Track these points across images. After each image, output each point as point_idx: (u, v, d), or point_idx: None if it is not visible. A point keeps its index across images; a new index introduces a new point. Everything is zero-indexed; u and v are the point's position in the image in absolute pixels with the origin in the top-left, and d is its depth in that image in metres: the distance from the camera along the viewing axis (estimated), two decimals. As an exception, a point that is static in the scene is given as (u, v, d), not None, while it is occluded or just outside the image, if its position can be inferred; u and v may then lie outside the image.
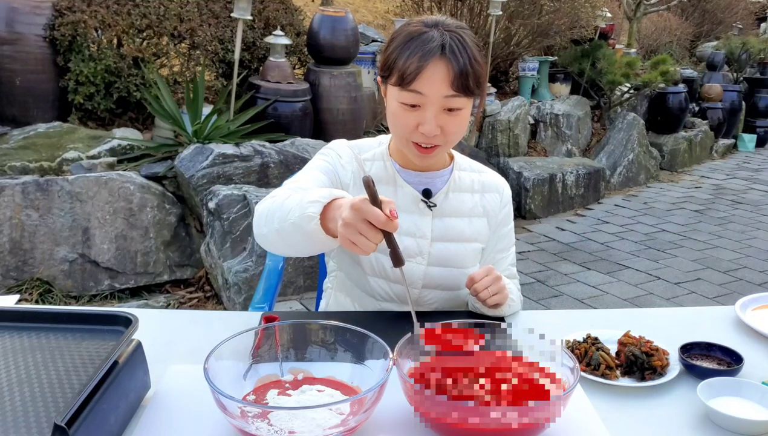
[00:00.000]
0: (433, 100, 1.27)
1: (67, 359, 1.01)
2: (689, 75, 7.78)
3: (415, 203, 1.43)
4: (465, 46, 1.27)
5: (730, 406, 1.08)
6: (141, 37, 4.11)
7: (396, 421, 1.02)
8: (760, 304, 1.50)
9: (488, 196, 1.50)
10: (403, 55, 1.27)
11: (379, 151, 1.46)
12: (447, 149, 1.40)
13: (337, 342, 1.12)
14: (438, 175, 1.45)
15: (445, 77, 1.25)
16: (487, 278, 1.34)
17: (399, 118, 1.31)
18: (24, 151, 3.49)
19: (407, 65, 1.26)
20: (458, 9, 6.05)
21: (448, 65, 1.25)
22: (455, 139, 1.35)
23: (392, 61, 1.30)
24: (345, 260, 1.49)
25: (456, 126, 1.31)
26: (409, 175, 1.44)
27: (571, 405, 1.01)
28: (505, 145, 5.61)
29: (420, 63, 1.25)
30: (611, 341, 1.26)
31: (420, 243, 1.42)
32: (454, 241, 1.45)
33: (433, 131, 1.28)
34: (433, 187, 1.44)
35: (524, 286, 3.92)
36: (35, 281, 3.24)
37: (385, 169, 1.43)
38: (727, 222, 5.45)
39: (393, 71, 1.30)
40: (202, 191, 3.48)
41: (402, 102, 1.29)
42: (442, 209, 1.44)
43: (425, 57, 1.25)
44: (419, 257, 1.42)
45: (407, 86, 1.27)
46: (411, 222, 1.42)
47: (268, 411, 0.97)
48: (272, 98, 4.14)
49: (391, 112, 1.33)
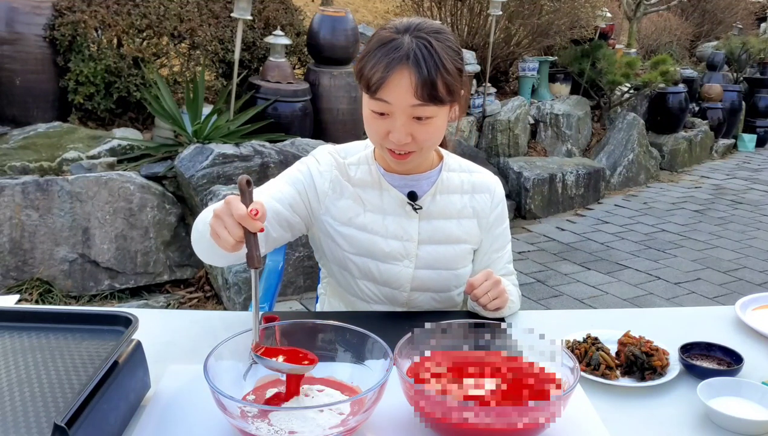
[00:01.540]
0: (400, 108, 1.25)
1: (67, 359, 1.01)
2: (689, 75, 7.78)
3: (401, 206, 1.41)
4: (432, 54, 1.24)
5: (730, 406, 1.08)
6: (141, 37, 4.11)
7: (396, 421, 1.02)
8: (760, 304, 1.50)
9: (478, 196, 1.48)
10: (370, 62, 1.26)
11: (364, 154, 1.45)
12: (425, 154, 1.37)
13: (337, 342, 1.12)
14: (424, 176, 1.43)
15: (408, 87, 1.23)
16: (487, 283, 1.34)
17: (371, 125, 1.31)
18: (24, 151, 3.49)
19: (373, 73, 1.25)
20: (458, 9, 6.05)
21: (412, 75, 1.22)
22: (430, 145, 1.34)
23: (362, 67, 1.28)
24: (333, 268, 1.48)
25: (427, 134, 1.29)
26: (393, 179, 1.42)
27: (571, 405, 1.01)
28: (505, 145, 5.61)
29: (384, 73, 1.23)
30: (611, 341, 1.26)
31: (407, 246, 1.41)
32: (443, 242, 1.43)
33: (403, 140, 1.27)
34: (419, 189, 1.42)
35: (524, 286, 3.93)
36: (35, 281, 3.24)
37: (369, 173, 1.42)
38: (727, 222, 5.45)
39: (362, 78, 1.28)
40: (202, 191, 3.48)
41: (372, 109, 1.29)
42: (429, 211, 1.43)
43: (389, 66, 1.23)
44: (406, 261, 1.41)
45: (374, 95, 1.26)
46: (397, 225, 1.41)
47: (268, 411, 0.97)
48: (272, 98, 4.14)
49: (365, 118, 1.33)
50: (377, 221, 1.40)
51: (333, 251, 1.44)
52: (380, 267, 1.41)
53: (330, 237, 1.43)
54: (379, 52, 1.25)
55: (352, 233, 1.41)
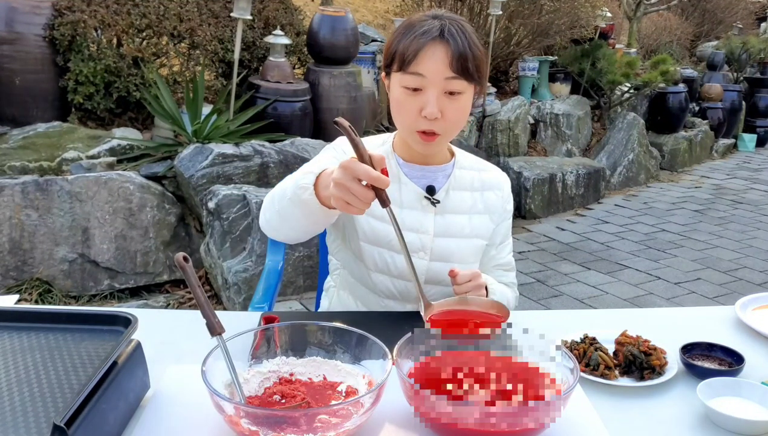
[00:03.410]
0: (433, 82, 1.30)
1: (67, 359, 1.01)
2: (689, 75, 7.78)
3: (418, 200, 1.44)
4: (464, 32, 1.31)
5: (729, 406, 1.08)
6: (141, 36, 4.10)
7: (396, 421, 1.02)
8: (761, 304, 1.50)
9: (488, 193, 1.52)
10: (404, 41, 1.32)
11: (383, 149, 1.48)
12: (448, 139, 1.41)
13: (336, 343, 1.12)
14: (440, 169, 1.47)
15: (444, 58, 1.29)
16: (470, 284, 1.34)
17: (402, 104, 1.34)
18: (23, 151, 3.49)
19: (407, 48, 1.30)
20: (458, 9, 6.05)
21: (447, 47, 1.29)
22: (455, 127, 1.37)
23: (394, 49, 1.34)
24: (348, 257, 1.50)
25: (456, 112, 1.34)
26: (412, 170, 1.45)
27: (571, 406, 1.01)
28: (505, 145, 5.61)
29: (419, 44, 1.29)
30: (609, 341, 1.25)
31: (423, 239, 1.44)
32: (456, 236, 1.46)
33: (435, 113, 1.30)
34: (436, 182, 1.46)
35: (524, 286, 3.93)
36: (35, 280, 3.24)
37: (389, 167, 1.44)
38: (728, 222, 5.45)
39: (395, 57, 1.33)
40: (202, 191, 3.48)
41: (404, 86, 1.32)
42: (443, 206, 1.46)
43: (424, 38, 1.29)
44: (422, 253, 1.44)
45: (408, 67, 1.30)
46: (414, 218, 1.43)
47: (267, 417, 0.97)
48: (272, 98, 4.13)
49: (395, 100, 1.36)
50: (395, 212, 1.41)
51: (351, 239, 1.46)
52: (396, 259, 1.43)
53: (352, 224, 1.45)
54: (411, 32, 1.32)
55: (370, 223, 1.43)
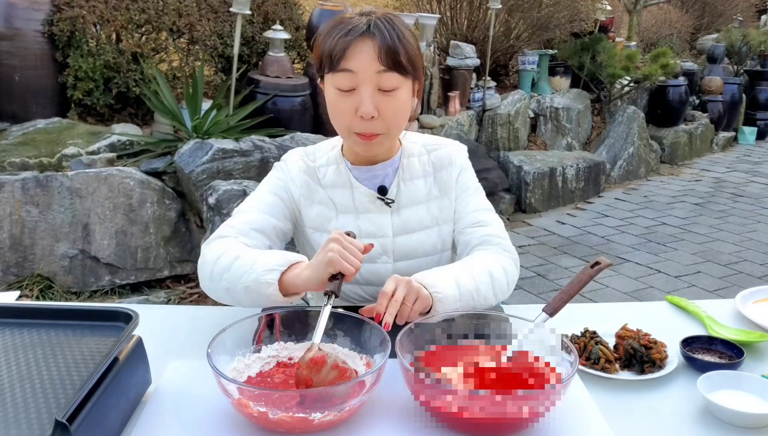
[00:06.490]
0: (364, 78, 1.26)
1: (68, 356, 1.01)
2: (689, 68, 7.76)
3: (372, 202, 1.40)
4: (393, 25, 1.28)
5: (730, 399, 1.08)
6: (140, 32, 4.10)
7: (396, 409, 1.03)
8: (761, 297, 1.50)
9: (440, 174, 1.46)
10: (330, 39, 1.28)
11: (333, 154, 1.44)
12: (391, 137, 1.36)
13: (336, 328, 1.15)
14: (389, 164, 1.42)
15: (372, 52, 1.25)
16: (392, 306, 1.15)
17: (337, 106, 1.30)
18: (23, 147, 3.49)
19: (335, 46, 1.27)
20: (458, 2, 6.04)
21: (374, 41, 1.25)
22: (395, 125, 1.32)
23: (322, 49, 1.30)
24: None
25: (393, 108, 1.29)
26: (361, 172, 1.41)
27: (571, 399, 1.01)
28: (505, 139, 5.60)
29: (347, 42, 1.26)
30: (609, 335, 1.25)
31: (383, 243, 1.40)
32: (416, 231, 1.42)
33: (371, 112, 1.26)
34: (387, 179, 1.42)
35: (524, 280, 3.93)
36: (36, 277, 3.24)
37: (338, 173, 1.42)
38: (728, 215, 5.45)
39: (323, 56, 1.29)
40: (202, 187, 3.48)
41: (337, 87, 1.28)
42: (398, 202, 1.42)
43: (351, 35, 1.26)
44: (384, 257, 1.41)
45: (337, 66, 1.26)
46: (370, 223, 1.40)
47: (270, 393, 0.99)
48: (271, 93, 4.13)
49: (329, 102, 1.32)
50: (350, 223, 1.40)
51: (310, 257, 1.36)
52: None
53: (308, 243, 1.44)
54: (338, 31, 1.28)
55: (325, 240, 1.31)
